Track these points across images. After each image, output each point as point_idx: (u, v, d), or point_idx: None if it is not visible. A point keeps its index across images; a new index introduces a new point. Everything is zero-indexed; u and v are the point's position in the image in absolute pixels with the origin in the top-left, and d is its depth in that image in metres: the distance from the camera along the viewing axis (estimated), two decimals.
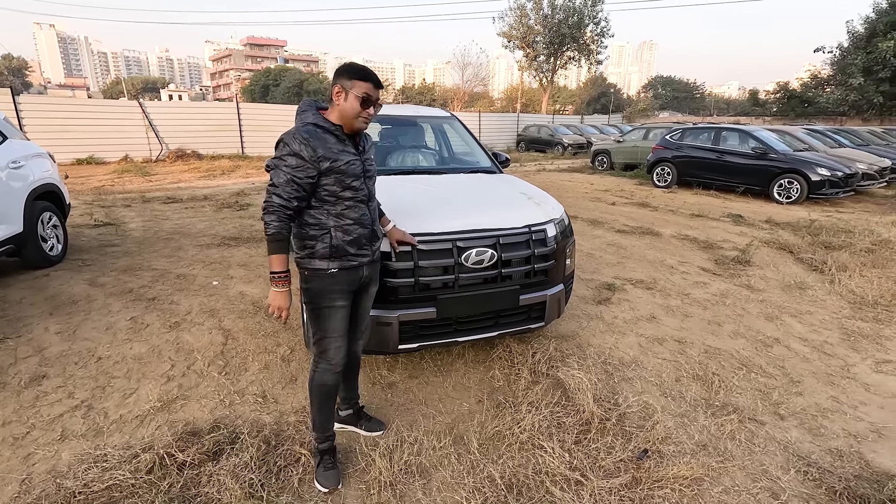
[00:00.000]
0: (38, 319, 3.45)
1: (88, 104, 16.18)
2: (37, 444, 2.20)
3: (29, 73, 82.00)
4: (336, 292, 1.88)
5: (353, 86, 1.72)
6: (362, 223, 1.87)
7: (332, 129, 1.77)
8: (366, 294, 2.06)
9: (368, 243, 1.91)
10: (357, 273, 1.91)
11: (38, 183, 4.54)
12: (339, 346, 1.93)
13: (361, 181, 1.84)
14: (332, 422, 2.06)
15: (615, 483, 1.99)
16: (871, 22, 24.47)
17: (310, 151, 1.70)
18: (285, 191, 1.71)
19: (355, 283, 1.93)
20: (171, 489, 1.89)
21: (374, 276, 2.07)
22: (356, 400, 2.34)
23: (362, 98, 1.73)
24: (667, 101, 55.80)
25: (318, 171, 1.73)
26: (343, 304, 1.90)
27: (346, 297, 1.91)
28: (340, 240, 1.82)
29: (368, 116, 1.77)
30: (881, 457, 2.24)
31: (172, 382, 2.73)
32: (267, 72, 53.30)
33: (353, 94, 1.72)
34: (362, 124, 1.79)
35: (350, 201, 1.82)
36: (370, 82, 1.74)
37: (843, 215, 8.05)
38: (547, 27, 31.55)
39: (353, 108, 1.74)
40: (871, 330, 3.61)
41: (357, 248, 1.86)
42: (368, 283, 2.03)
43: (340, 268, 1.84)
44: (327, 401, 1.99)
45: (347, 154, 1.79)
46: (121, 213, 7.18)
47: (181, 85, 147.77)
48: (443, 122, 4.37)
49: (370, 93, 1.74)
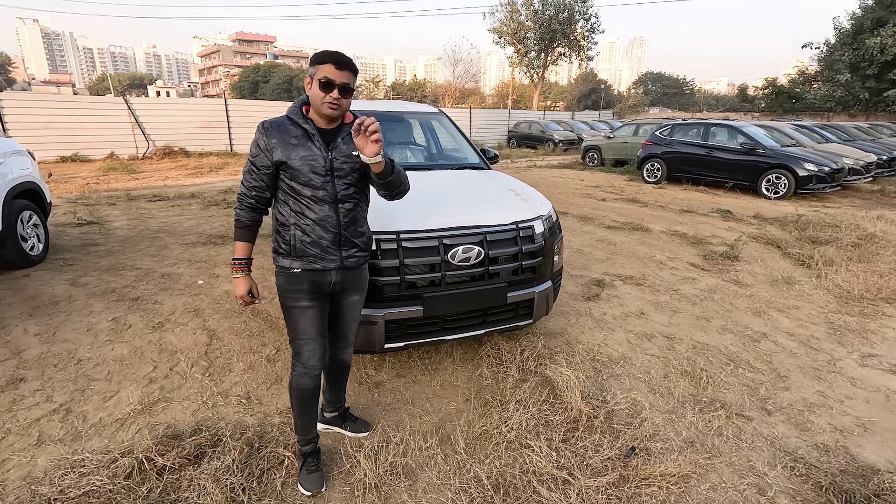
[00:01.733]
0: (16, 321, 3.37)
1: (73, 101, 15.93)
2: (12, 449, 2.14)
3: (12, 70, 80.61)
4: (300, 293, 1.80)
5: (316, 71, 1.64)
6: (324, 225, 1.75)
7: (301, 121, 1.71)
8: (345, 301, 1.94)
9: (335, 248, 1.78)
10: (324, 277, 1.81)
11: (16, 181, 4.43)
12: (312, 350, 1.85)
13: (325, 179, 1.71)
14: (315, 425, 2.02)
15: (602, 481, 1.98)
16: (857, 18, 24.70)
17: (265, 141, 1.69)
18: (246, 179, 1.76)
19: (323, 287, 1.83)
20: (149, 494, 1.84)
21: (354, 285, 1.92)
22: (342, 403, 2.30)
23: (322, 81, 1.62)
24: (657, 98, 56.08)
25: (271, 161, 1.70)
26: (308, 304, 1.81)
27: (312, 299, 1.82)
28: (298, 239, 1.75)
29: (334, 101, 1.64)
30: (866, 451, 2.25)
31: (154, 384, 2.67)
32: (256, 68, 52.83)
33: (315, 79, 1.64)
34: (328, 110, 1.66)
35: (308, 200, 1.72)
36: (331, 63, 1.62)
37: (830, 210, 8.12)
38: (537, 23, 31.57)
39: (316, 95, 1.65)
40: (858, 324, 3.64)
41: (319, 250, 1.76)
42: (344, 291, 1.90)
43: (303, 269, 1.78)
44: (307, 404, 1.93)
45: (307, 149, 1.69)
46: (105, 212, 7.06)
47: (169, 81, 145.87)
48: (431, 119, 4.33)
49: (330, 75, 1.61)
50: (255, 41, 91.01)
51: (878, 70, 23.18)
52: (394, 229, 2.36)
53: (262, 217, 1.85)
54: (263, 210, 1.83)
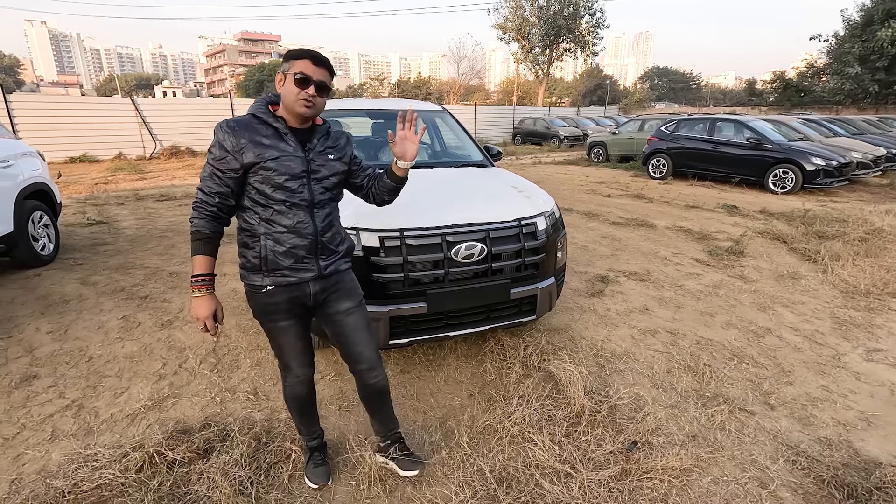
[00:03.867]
0: (29, 319, 3.44)
1: (81, 102, 16.11)
2: (27, 444, 2.19)
3: (21, 72, 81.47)
4: (277, 312, 1.67)
5: (290, 66, 1.54)
6: (299, 232, 1.60)
7: (271, 120, 1.58)
8: (337, 312, 1.76)
9: (311, 256, 1.64)
10: (301, 290, 1.66)
11: (27, 182, 4.51)
12: (300, 361, 1.80)
13: (301, 182, 1.58)
14: (317, 422, 2.02)
15: (604, 475, 2.00)
16: (867, 10, 24.38)
17: (232, 141, 1.52)
18: (207, 185, 1.56)
19: (301, 300, 1.68)
20: (160, 487, 1.89)
21: (341, 292, 1.76)
22: (394, 430, 2.05)
23: (298, 77, 1.52)
24: (663, 93, 55.68)
25: (240, 164, 1.53)
26: (287, 323, 1.70)
27: (291, 317, 1.70)
28: (270, 250, 1.58)
29: (309, 98, 1.54)
30: (869, 445, 2.25)
31: (164, 381, 2.72)
32: (261, 67, 52.91)
33: (289, 75, 1.54)
34: (302, 108, 1.54)
35: (282, 205, 1.57)
36: (308, 59, 1.54)
37: (838, 205, 8.06)
38: (542, 19, 31.42)
39: (289, 91, 1.54)
40: (863, 319, 3.63)
41: (294, 260, 1.61)
42: (331, 301, 1.75)
43: (276, 285, 1.62)
44: (305, 410, 1.93)
45: (280, 150, 1.56)
46: (114, 212, 7.15)
47: (175, 81, 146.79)
48: (434, 116, 4.35)
49: (306, 70, 1.52)
50: (260, 40, 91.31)
51: (889, 62, 22.90)
52: (397, 227, 2.39)
53: (223, 228, 1.64)
54: (225, 220, 1.63)
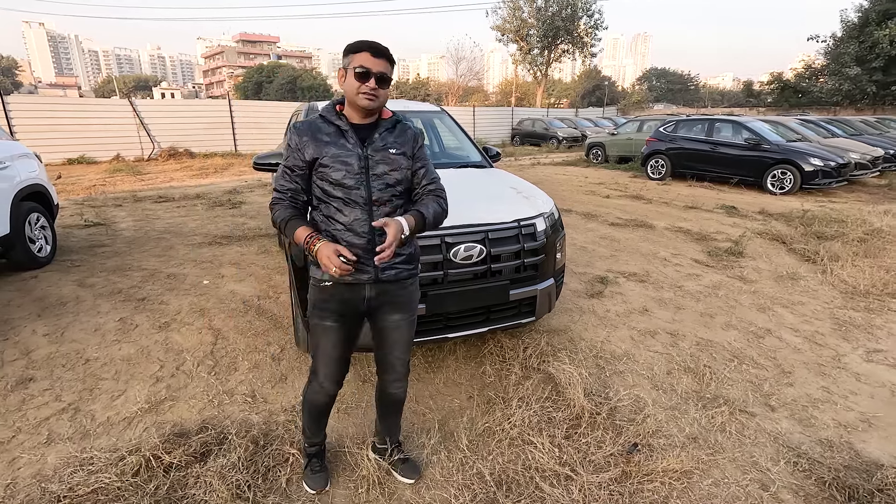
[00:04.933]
0: (25, 321, 3.42)
1: (79, 103, 16.06)
2: (22, 447, 2.17)
3: (19, 73, 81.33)
4: (326, 310, 1.68)
5: (350, 61, 1.55)
6: (355, 231, 1.59)
7: (335, 119, 1.62)
8: (385, 322, 1.75)
9: (368, 257, 1.59)
10: (355, 292, 1.66)
11: (24, 184, 4.49)
12: (329, 372, 1.76)
13: (358, 179, 1.58)
14: (323, 432, 1.99)
15: (605, 477, 1.99)
16: (864, 11, 24.44)
17: (296, 139, 1.60)
18: (279, 184, 1.64)
19: (354, 303, 1.68)
20: (157, 491, 1.87)
21: (395, 303, 1.73)
22: (394, 436, 2.09)
23: (358, 71, 1.52)
24: (661, 94, 55.77)
25: (303, 161, 1.59)
26: (332, 325, 1.69)
27: (339, 320, 1.69)
28: None
29: (370, 91, 1.54)
30: (870, 446, 2.24)
31: (161, 383, 2.70)
32: (260, 68, 52.92)
33: (350, 69, 1.54)
34: (365, 101, 1.55)
35: (339, 202, 1.59)
36: (367, 51, 1.53)
37: (836, 205, 8.06)
38: (540, 20, 31.46)
39: (351, 85, 1.55)
40: (863, 319, 3.62)
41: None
42: (382, 309, 1.73)
43: (334, 280, 1.63)
44: (317, 417, 1.92)
45: (339, 146, 1.58)
46: (111, 213, 7.12)
47: (174, 83, 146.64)
48: (433, 117, 4.34)
49: (366, 63, 1.52)
50: (259, 42, 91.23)
51: (886, 63, 22.95)
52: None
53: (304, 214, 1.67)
54: (302, 210, 1.67)
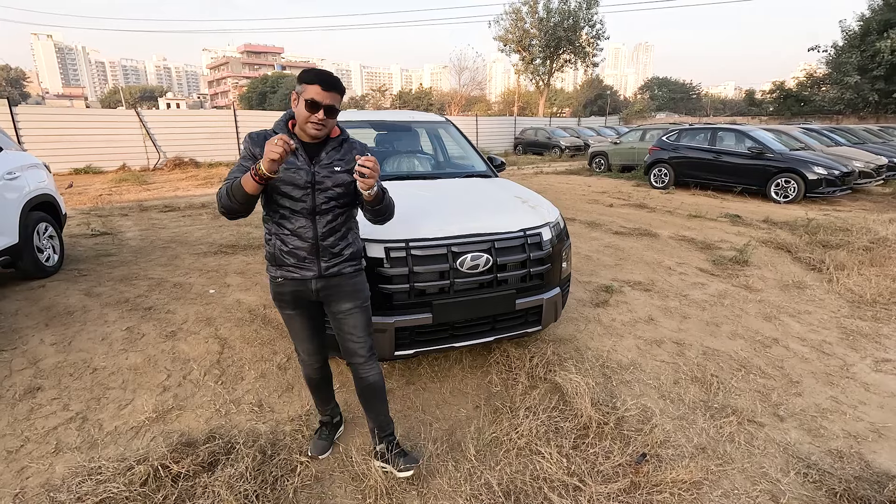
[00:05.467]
0: (33, 331, 3.44)
1: (86, 114, 16.23)
2: (30, 457, 2.18)
3: (27, 84, 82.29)
4: (284, 301, 1.92)
5: (303, 90, 1.66)
6: (300, 236, 1.79)
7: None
8: (337, 311, 1.92)
9: (312, 258, 1.81)
10: (304, 286, 1.86)
11: (33, 194, 4.53)
12: (306, 348, 2.04)
13: (305, 192, 1.74)
14: (328, 404, 2.25)
15: (613, 488, 1.98)
16: (865, 20, 24.52)
17: (250, 149, 1.72)
18: (233, 174, 1.72)
19: (305, 294, 1.88)
20: (165, 501, 1.87)
21: (342, 294, 1.90)
22: (388, 432, 2.11)
23: (308, 102, 1.64)
24: (663, 103, 55.88)
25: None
26: (292, 312, 1.94)
27: (295, 308, 1.93)
28: (277, 248, 1.82)
29: (318, 122, 1.67)
30: (881, 457, 2.23)
31: (168, 393, 2.71)
32: (264, 79, 53.45)
33: (302, 98, 1.66)
34: (313, 130, 1.69)
35: (286, 210, 1.77)
36: (318, 84, 1.63)
37: (841, 214, 8.05)
38: (543, 30, 31.67)
39: (301, 114, 1.68)
40: (870, 329, 3.60)
41: (296, 260, 1.81)
42: (331, 299, 1.90)
43: (284, 277, 1.85)
44: (316, 390, 2.19)
45: (290, 163, 1.71)
46: (118, 223, 7.17)
47: (179, 93, 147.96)
48: (438, 127, 4.38)
49: (316, 96, 1.63)
50: (263, 52, 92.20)
51: (887, 71, 22.98)
52: (403, 237, 2.39)
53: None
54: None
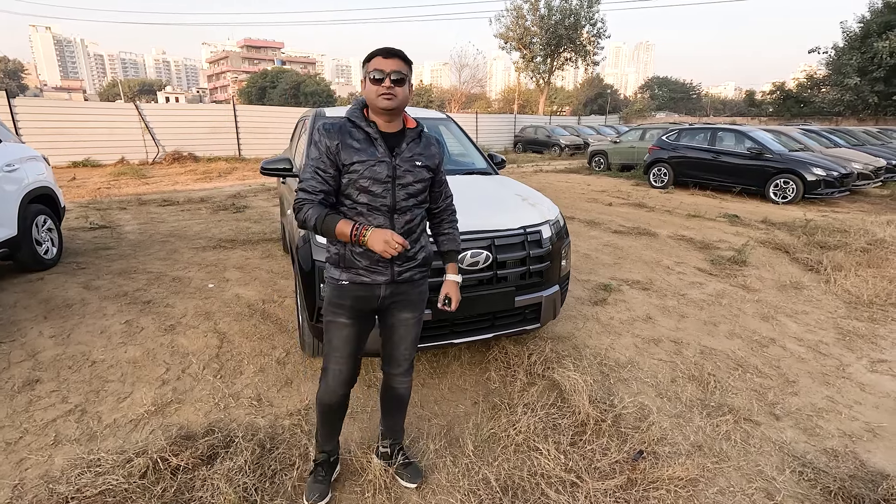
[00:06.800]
0: (31, 323, 3.44)
1: (84, 107, 16.14)
2: (29, 449, 2.18)
3: (25, 76, 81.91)
4: (341, 307, 1.72)
5: (367, 69, 1.60)
6: None
7: (364, 124, 1.65)
8: (396, 319, 1.82)
9: (386, 261, 1.67)
10: (371, 291, 1.71)
11: (32, 186, 4.52)
12: (338, 370, 1.77)
13: (385, 188, 1.62)
14: (334, 440, 1.97)
15: (610, 485, 1.99)
16: (866, 21, 24.54)
17: (327, 142, 1.61)
18: (310, 185, 1.62)
19: (368, 302, 1.73)
20: (164, 494, 1.88)
21: (407, 302, 1.79)
22: (397, 440, 2.09)
23: (373, 76, 1.57)
24: (663, 102, 55.87)
25: (335, 165, 1.62)
26: (346, 322, 1.73)
27: (352, 317, 1.73)
28: (349, 248, 1.66)
29: (386, 91, 1.57)
30: (876, 456, 2.25)
31: (167, 386, 2.71)
32: (264, 74, 53.18)
33: (368, 76, 1.60)
34: (384, 102, 1.58)
35: (364, 207, 1.63)
36: (378, 55, 1.59)
37: (839, 215, 8.08)
38: (543, 28, 31.60)
39: (370, 91, 1.59)
40: (867, 329, 3.62)
41: (369, 262, 1.66)
42: (395, 307, 1.79)
43: (350, 281, 1.69)
44: (327, 419, 1.89)
45: (370, 154, 1.61)
46: (116, 216, 7.16)
47: (178, 87, 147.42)
48: (438, 124, 4.37)
49: (378, 66, 1.57)
50: (263, 47, 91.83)
51: (887, 73, 23.01)
52: None
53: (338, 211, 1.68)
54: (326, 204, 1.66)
